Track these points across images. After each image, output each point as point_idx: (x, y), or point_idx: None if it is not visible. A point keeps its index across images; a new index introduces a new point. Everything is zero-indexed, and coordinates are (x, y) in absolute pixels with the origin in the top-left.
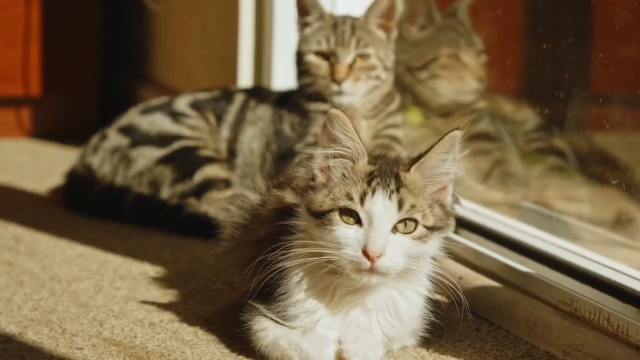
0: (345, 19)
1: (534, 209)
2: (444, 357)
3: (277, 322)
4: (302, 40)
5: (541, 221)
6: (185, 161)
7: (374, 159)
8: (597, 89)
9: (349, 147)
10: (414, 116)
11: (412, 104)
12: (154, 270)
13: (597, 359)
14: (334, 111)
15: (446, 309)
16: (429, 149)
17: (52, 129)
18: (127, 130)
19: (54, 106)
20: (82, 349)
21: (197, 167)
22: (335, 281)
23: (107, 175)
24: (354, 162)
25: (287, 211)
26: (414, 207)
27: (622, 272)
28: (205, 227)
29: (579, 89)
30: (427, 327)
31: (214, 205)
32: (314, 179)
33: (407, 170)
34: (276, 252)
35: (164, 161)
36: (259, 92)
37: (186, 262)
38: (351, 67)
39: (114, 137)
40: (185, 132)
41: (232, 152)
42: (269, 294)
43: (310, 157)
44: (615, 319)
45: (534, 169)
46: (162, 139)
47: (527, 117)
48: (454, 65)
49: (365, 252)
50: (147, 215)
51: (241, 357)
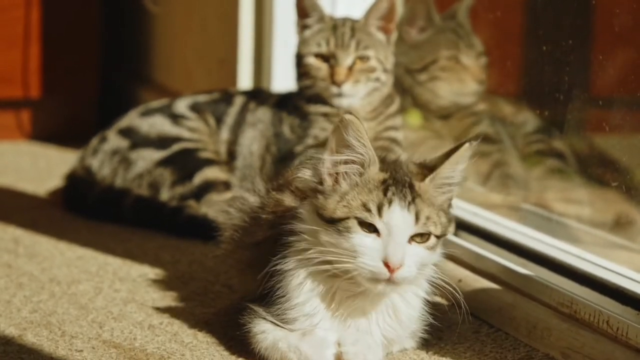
0: (344, 21)
1: (533, 211)
2: (444, 359)
3: (277, 325)
4: (302, 42)
5: (541, 223)
6: (185, 163)
7: (383, 165)
8: (596, 91)
9: (361, 154)
10: (414, 118)
11: (412, 106)
12: (153, 272)
13: None
14: (348, 117)
15: (446, 311)
16: (443, 160)
17: (51, 131)
18: (126, 132)
19: (54, 108)
20: (81, 351)
21: (196, 169)
22: (335, 284)
23: (106, 177)
24: (364, 168)
25: (286, 214)
26: (429, 218)
27: (621, 274)
28: (204, 230)
29: (579, 91)
30: (427, 329)
31: (214, 207)
32: (321, 183)
33: (421, 179)
34: (276, 255)
35: (163, 163)
36: (258, 94)
37: (186, 264)
38: (351, 69)
39: (114, 139)
40: (185, 134)
41: (231, 154)
42: (268, 296)
43: (312, 160)
44: (614, 321)
45: (533, 171)
46: (162, 141)
47: (527, 119)
48: (454, 67)
49: (385, 263)
50: (146, 217)
51: (241, 359)
